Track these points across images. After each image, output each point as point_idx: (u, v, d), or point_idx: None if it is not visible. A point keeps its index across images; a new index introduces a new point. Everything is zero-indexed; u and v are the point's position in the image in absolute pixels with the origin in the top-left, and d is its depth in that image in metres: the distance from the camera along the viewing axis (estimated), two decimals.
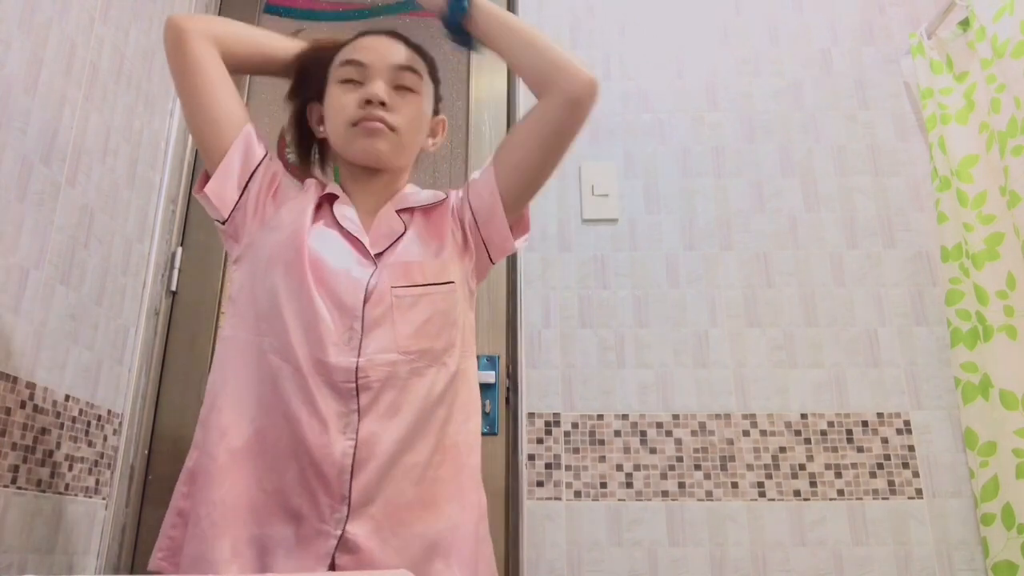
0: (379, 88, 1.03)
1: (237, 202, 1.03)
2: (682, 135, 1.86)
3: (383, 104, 1.03)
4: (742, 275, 1.75)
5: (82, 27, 1.40)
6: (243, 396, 0.94)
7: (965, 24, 1.78)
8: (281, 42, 1.15)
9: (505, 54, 1.07)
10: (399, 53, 1.08)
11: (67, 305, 1.35)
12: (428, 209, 1.09)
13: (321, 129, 1.12)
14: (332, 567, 0.88)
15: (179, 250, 1.77)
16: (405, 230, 1.05)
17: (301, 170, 1.20)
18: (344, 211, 1.05)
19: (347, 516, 0.89)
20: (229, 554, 0.87)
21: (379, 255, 1.02)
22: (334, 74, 1.08)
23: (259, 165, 1.06)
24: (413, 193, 1.11)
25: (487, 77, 1.96)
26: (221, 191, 1.02)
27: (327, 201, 1.07)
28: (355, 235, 1.03)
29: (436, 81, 1.15)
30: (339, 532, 0.89)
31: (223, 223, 1.05)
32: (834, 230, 1.78)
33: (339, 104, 1.05)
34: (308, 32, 2.01)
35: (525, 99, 1.88)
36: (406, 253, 1.02)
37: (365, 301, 0.96)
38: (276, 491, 0.91)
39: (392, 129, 1.04)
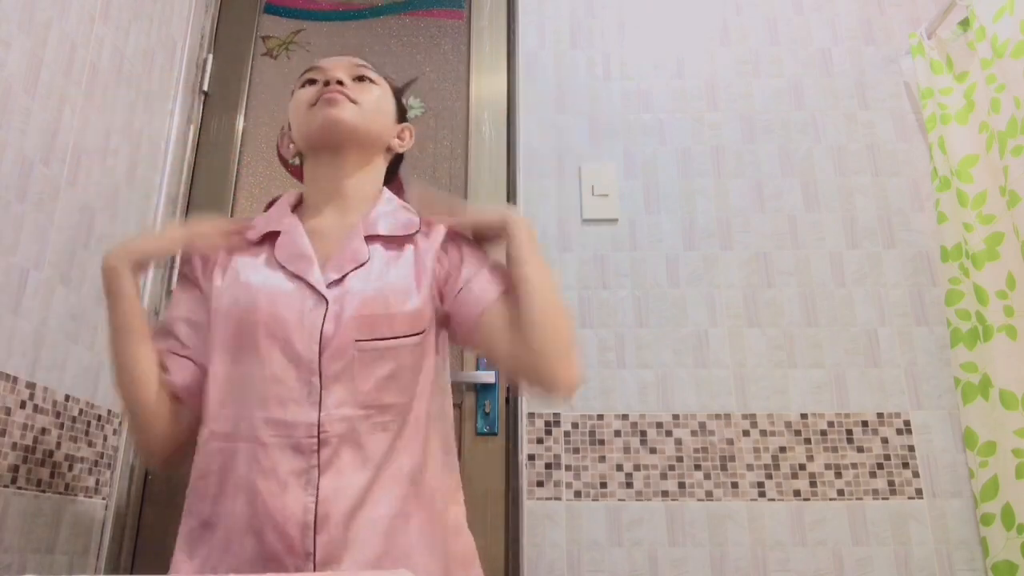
0: (338, 72, 1.07)
1: (191, 360, 1.02)
2: (682, 135, 1.86)
3: (340, 83, 1.06)
4: (742, 275, 1.75)
5: (82, 27, 1.40)
6: (198, 488, 0.95)
7: (965, 24, 1.78)
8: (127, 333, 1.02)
9: (525, 296, 0.99)
10: (356, 60, 1.13)
11: (67, 305, 1.35)
12: (402, 239, 1.04)
13: (292, 147, 1.14)
14: None
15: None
16: (368, 260, 1.00)
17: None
18: (285, 247, 1.01)
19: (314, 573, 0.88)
20: None
21: (338, 281, 0.98)
22: (296, 85, 1.12)
23: (177, 333, 1.03)
24: (386, 214, 1.06)
25: (487, 77, 1.96)
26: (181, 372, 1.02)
27: (269, 240, 1.04)
28: (299, 275, 0.98)
29: (399, 99, 1.17)
30: None
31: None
32: (834, 230, 1.78)
33: (298, 98, 1.09)
34: (308, 32, 2.01)
35: (525, 99, 1.88)
36: (373, 301, 0.97)
37: (321, 353, 0.94)
38: (234, 569, 0.89)
39: (353, 101, 1.06)
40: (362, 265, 1.00)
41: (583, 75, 1.91)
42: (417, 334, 0.98)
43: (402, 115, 1.18)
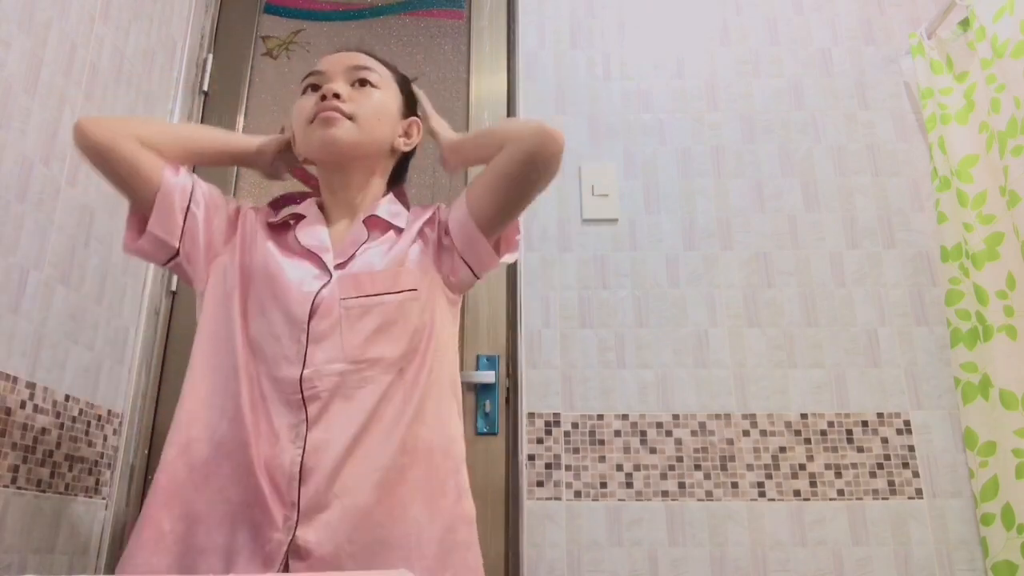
0: (334, 84, 1.07)
1: (183, 228, 1.04)
2: (682, 135, 1.86)
3: (337, 96, 1.06)
4: (742, 275, 1.75)
5: (82, 27, 1.40)
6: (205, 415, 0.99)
7: (965, 24, 1.78)
8: (225, 136, 1.16)
9: (483, 158, 1.07)
10: (358, 58, 1.12)
11: (67, 305, 1.35)
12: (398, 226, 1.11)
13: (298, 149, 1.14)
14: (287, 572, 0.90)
15: None
16: (367, 239, 1.07)
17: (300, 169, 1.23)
18: (307, 230, 1.08)
19: (297, 522, 0.91)
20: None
21: (341, 265, 1.04)
22: (299, 89, 1.13)
23: (194, 192, 1.06)
24: (391, 210, 1.12)
25: (487, 77, 1.96)
26: (164, 223, 1.03)
27: (294, 220, 1.10)
28: (314, 251, 1.05)
29: (406, 92, 1.17)
30: (290, 538, 0.90)
31: (175, 256, 1.04)
32: (834, 230, 1.78)
33: (299, 108, 1.09)
34: (308, 32, 2.01)
35: (525, 99, 1.89)
36: (360, 263, 1.04)
37: (312, 315, 0.99)
38: (242, 502, 0.93)
39: (349, 117, 1.06)
40: (361, 245, 1.06)
41: (583, 75, 1.91)
42: (402, 292, 1.02)
43: (410, 108, 1.18)
